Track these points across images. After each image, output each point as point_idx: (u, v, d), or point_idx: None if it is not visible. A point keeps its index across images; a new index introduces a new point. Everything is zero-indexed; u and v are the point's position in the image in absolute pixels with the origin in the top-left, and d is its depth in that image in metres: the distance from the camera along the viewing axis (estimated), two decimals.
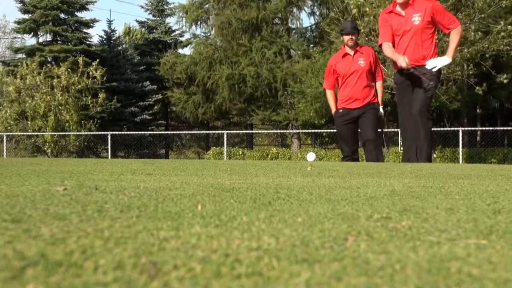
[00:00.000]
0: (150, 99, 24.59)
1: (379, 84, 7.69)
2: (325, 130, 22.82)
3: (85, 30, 25.05)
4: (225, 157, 16.63)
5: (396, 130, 13.86)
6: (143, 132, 20.38)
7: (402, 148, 8.38)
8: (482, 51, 12.16)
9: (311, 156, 7.22)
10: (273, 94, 19.69)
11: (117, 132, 18.68)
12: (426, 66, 6.64)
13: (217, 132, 23.46)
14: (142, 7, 34.98)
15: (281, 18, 20.36)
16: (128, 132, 19.58)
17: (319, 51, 17.92)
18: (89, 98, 19.57)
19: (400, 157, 15.45)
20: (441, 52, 8.50)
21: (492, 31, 12.09)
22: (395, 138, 11.64)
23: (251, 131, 23.55)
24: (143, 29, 28.77)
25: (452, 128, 15.24)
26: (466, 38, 11.97)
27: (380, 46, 7.12)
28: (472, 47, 12.09)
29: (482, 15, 12.03)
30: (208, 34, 22.74)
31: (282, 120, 20.06)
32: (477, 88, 13.73)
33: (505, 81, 13.72)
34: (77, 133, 18.92)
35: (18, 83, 19.24)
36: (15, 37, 39.15)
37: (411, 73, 6.66)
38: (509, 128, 15.92)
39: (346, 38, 7.52)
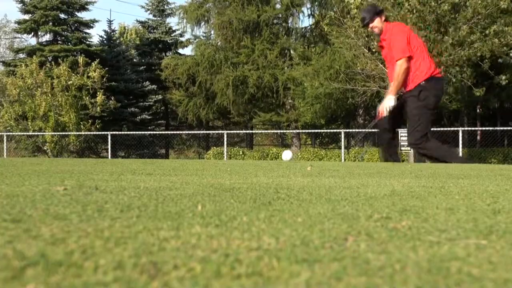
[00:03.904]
0: (150, 99, 24.59)
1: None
2: (325, 130, 22.85)
3: (85, 30, 25.08)
4: (225, 157, 16.62)
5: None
6: (143, 132, 20.38)
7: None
8: (479, 52, 12.13)
9: (286, 155, 6.79)
10: (275, 96, 19.69)
11: (117, 132, 18.69)
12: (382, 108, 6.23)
13: (217, 132, 23.47)
14: (142, 7, 35.03)
15: (280, 18, 20.35)
16: (128, 132, 19.58)
17: (319, 51, 17.92)
18: (88, 98, 19.54)
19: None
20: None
21: (489, 32, 12.07)
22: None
23: (251, 131, 23.54)
24: (139, 27, 28.75)
25: (452, 128, 15.23)
26: (463, 39, 11.97)
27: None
28: (470, 49, 12.07)
29: (479, 17, 12.01)
30: (209, 34, 22.74)
31: (283, 121, 20.08)
32: (475, 90, 13.73)
33: (503, 82, 13.71)
34: (77, 133, 18.92)
35: (18, 82, 19.24)
36: (15, 37, 39.22)
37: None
38: (509, 128, 15.91)
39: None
